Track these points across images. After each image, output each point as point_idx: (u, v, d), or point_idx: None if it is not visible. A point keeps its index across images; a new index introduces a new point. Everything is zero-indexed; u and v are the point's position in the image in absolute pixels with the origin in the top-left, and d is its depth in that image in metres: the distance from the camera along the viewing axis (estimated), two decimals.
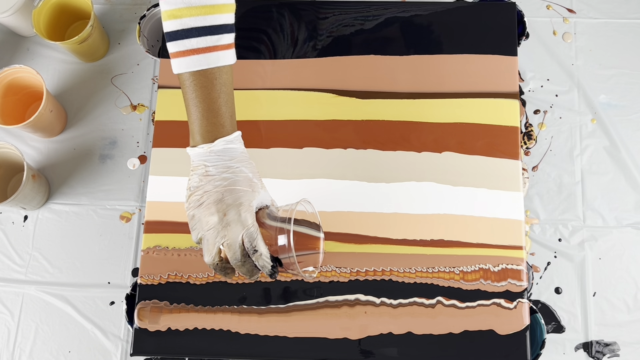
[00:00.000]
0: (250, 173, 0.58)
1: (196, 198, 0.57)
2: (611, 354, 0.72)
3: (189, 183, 0.58)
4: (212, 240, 0.56)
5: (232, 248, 0.55)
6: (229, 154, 0.57)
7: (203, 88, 0.57)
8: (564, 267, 0.75)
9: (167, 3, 0.56)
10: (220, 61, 0.57)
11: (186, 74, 0.57)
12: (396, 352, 0.68)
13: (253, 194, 0.57)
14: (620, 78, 0.81)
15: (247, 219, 0.55)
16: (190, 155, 0.58)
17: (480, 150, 0.74)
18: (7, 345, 0.75)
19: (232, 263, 0.56)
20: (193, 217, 0.57)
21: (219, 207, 0.55)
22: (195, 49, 0.55)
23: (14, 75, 0.77)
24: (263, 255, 0.56)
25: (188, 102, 0.58)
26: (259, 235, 0.56)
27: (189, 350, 0.69)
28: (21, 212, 0.79)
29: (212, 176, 0.56)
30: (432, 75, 0.77)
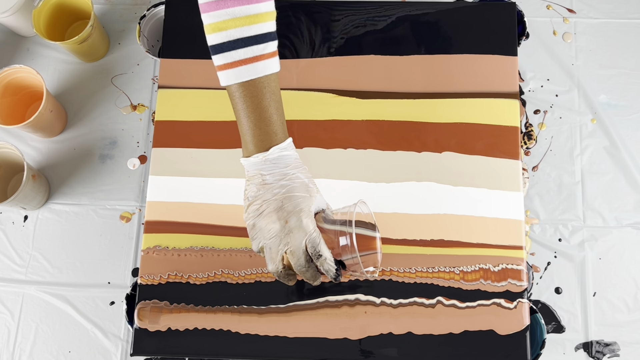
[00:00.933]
0: (305, 179, 0.58)
1: (255, 207, 0.57)
2: (611, 354, 0.72)
3: (246, 193, 0.58)
4: (275, 248, 0.56)
5: (296, 254, 0.56)
6: (284, 161, 0.57)
7: (253, 98, 0.57)
8: (564, 267, 0.75)
9: (211, 16, 0.55)
10: (267, 69, 0.56)
11: (235, 85, 0.57)
12: (396, 352, 0.68)
13: (311, 199, 0.57)
14: (620, 78, 0.81)
15: (309, 225, 0.56)
16: (244, 166, 0.59)
17: (480, 150, 0.74)
18: (7, 345, 0.75)
19: (296, 269, 0.57)
20: (254, 227, 0.57)
21: (280, 214, 0.56)
22: (243, 60, 0.55)
23: (14, 75, 0.77)
24: (327, 260, 0.56)
25: (239, 113, 0.58)
26: (321, 240, 0.56)
27: (189, 350, 0.69)
28: (21, 212, 0.79)
29: (270, 184, 0.57)
30: (432, 76, 0.77)
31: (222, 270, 0.71)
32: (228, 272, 0.71)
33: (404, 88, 0.76)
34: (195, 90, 0.78)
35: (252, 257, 0.72)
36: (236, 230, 0.73)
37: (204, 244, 0.72)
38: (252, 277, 0.71)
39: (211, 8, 0.55)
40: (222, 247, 0.72)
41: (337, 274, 0.57)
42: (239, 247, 0.72)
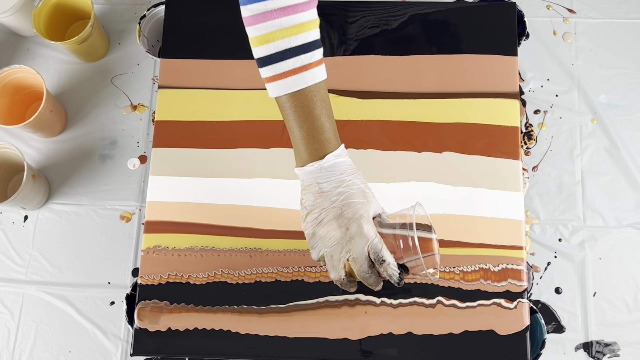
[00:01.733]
0: (361, 184, 0.58)
1: (314, 216, 0.57)
2: (611, 354, 0.72)
3: (303, 202, 0.58)
4: (337, 255, 0.56)
5: (359, 261, 0.56)
6: (340, 168, 0.57)
7: (305, 107, 0.56)
8: (564, 267, 0.75)
9: (257, 29, 0.55)
10: (316, 78, 0.56)
11: (285, 96, 0.56)
12: (396, 352, 0.68)
13: (368, 204, 0.57)
14: (620, 78, 0.81)
15: (370, 231, 0.56)
16: (299, 175, 0.59)
17: (480, 150, 0.74)
18: (7, 345, 0.75)
19: (359, 276, 0.57)
20: (313, 236, 0.58)
21: (340, 222, 0.56)
22: (292, 70, 0.55)
23: (14, 75, 0.77)
24: (391, 264, 0.56)
25: (291, 124, 0.58)
26: (383, 245, 0.56)
27: (189, 350, 0.69)
28: (21, 212, 0.79)
29: (327, 192, 0.57)
30: (432, 75, 0.77)
31: (222, 270, 0.71)
32: (228, 272, 0.71)
33: (404, 88, 0.76)
34: (195, 90, 0.78)
35: (252, 257, 0.72)
36: (236, 230, 0.73)
37: (204, 244, 0.72)
38: (252, 277, 0.71)
39: (257, 20, 0.54)
40: (222, 247, 0.72)
41: (400, 277, 0.57)
42: (239, 247, 0.72)
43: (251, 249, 0.72)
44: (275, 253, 0.72)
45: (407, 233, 0.57)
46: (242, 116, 0.77)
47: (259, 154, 0.75)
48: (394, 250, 0.57)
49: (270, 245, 0.72)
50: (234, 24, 0.79)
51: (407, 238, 0.57)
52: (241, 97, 0.77)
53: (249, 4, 0.54)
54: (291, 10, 0.54)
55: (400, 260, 0.57)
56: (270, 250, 0.72)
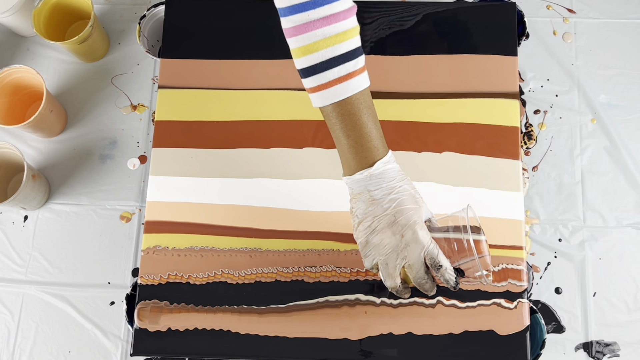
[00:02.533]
0: (411, 190, 0.58)
1: (367, 224, 0.57)
2: (611, 354, 0.72)
3: (354, 211, 0.58)
4: (393, 263, 0.56)
5: (415, 268, 0.56)
6: (389, 175, 0.57)
7: (352, 115, 0.56)
8: (564, 267, 0.75)
9: (300, 40, 0.54)
10: (361, 85, 0.56)
11: (331, 106, 0.56)
12: (396, 353, 0.68)
13: (420, 210, 0.57)
14: (620, 78, 0.81)
15: (425, 237, 0.56)
16: (347, 184, 0.59)
17: (480, 150, 0.74)
18: (7, 345, 0.75)
19: (416, 282, 0.57)
20: (367, 244, 0.57)
21: (395, 229, 0.56)
22: (337, 79, 0.55)
23: (14, 75, 0.77)
24: (448, 269, 0.56)
25: (337, 132, 0.57)
26: (439, 250, 0.56)
27: (189, 350, 0.69)
28: (21, 212, 0.79)
29: (379, 200, 0.56)
30: (432, 75, 0.77)
31: (222, 270, 0.71)
32: (228, 272, 0.71)
33: (404, 88, 0.76)
34: (195, 90, 0.78)
35: (252, 257, 0.72)
36: (236, 230, 0.73)
37: (204, 244, 0.72)
38: (252, 277, 0.71)
39: (299, 31, 0.54)
40: (222, 247, 0.72)
41: (456, 281, 0.57)
42: (239, 247, 0.72)
43: (251, 249, 0.72)
44: (275, 253, 0.72)
45: (462, 236, 0.57)
46: (242, 116, 0.77)
47: (259, 154, 0.75)
48: (449, 254, 0.57)
49: (270, 245, 0.72)
50: (234, 24, 0.80)
51: (461, 241, 0.57)
52: (241, 97, 0.77)
53: (290, 15, 0.54)
54: (334, 18, 0.53)
55: (455, 263, 0.57)
56: (270, 250, 0.72)
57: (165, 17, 0.80)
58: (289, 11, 0.54)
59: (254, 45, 0.79)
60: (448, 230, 0.58)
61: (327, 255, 0.71)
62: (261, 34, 0.79)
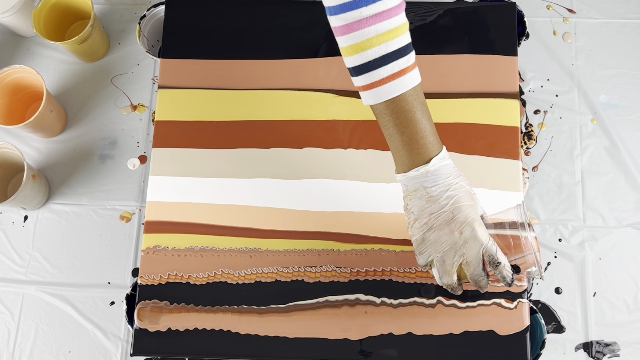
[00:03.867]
0: (467, 186, 0.58)
1: (424, 221, 0.57)
2: (611, 354, 0.72)
3: (409, 208, 0.58)
4: (450, 260, 0.57)
5: (472, 265, 0.56)
6: (445, 171, 0.57)
7: (406, 112, 0.56)
8: (564, 267, 0.75)
9: (352, 38, 0.54)
10: (414, 81, 0.56)
11: (384, 103, 0.56)
12: (396, 353, 0.68)
13: (476, 207, 0.57)
14: (620, 78, 0.81)
15: (484, 234, 0.56)
16: (401, 181, 0.58)
17: (480, 150, 0.74)
18: (7, 345, 0.75)
19: (472, 278, 0.57)
20: (423, 241, 0.57)
21: (453, 226, 0.56)
22: (391, 75, 0.54)
23: (14, 75, 0.77)
24: (506, 266, 0.56)
25: (392, 130, 0.57)
26: (497, 247, 0.56)
27: (189, 350, 0.69)
28: (21, 212, 0.79)
29: (435, 197, 0.56)
30: (432, 76, 0.76)
31: (222, 270, 0.72)
32: (228, 272, 0.71)
33: None
34: (195, 90, 0.78)
35: (252, 257, 0.72)
36: (236, 230, 0.73)
37: (204, 244, 0.72)
38: (252, 277, 0.71)
39: (351, 29, 0.53)
40: (222, 247, 0.72)
41: (512, 278, 0.57)
42: (239, 247, 0.72)
43: (251, 249, 0.72)
44: (275, 253, 0.72)
45: (520, 233, 0.58)
46: (242, 116, 0.77)
47: (259, 154, 0.75)
48: (504, 251, 0.58)
49: (270, 245, 0.72)
50: (234, 24, 0.80)
51: (519, 238, 0.58)
52: (241, 97, 0.77)
53: (341, 13, 0.53)
54: (386, 15, 0.53)
55: (510, 257, 0.58)
56: (270, 250, 0.72)
57: (165, 17, 0.80)
58: (339, 9, 0.53)
59: (254, 45, 0.79)
60: (504, 226, 0.59)
61: (327, 255, 0.71)
62: (261, 34, 0.79)
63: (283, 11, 0.80)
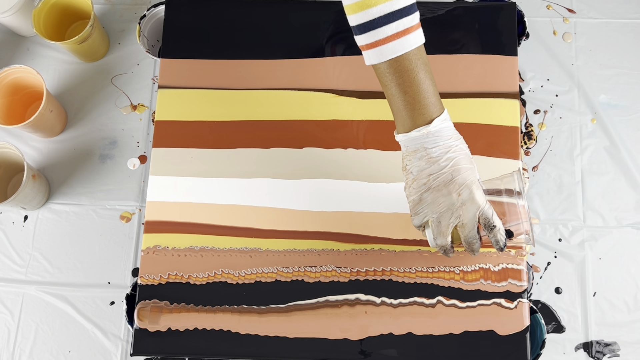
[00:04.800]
0: (467, 149, 0.58)
1: (422, 182, 0.57)
2: (611, 354, 0.72)
3: (408, 168, 0.58)
4: (446, 221, 0.57)
5: (468, 227, 0.56)
6: (446, 133, 0.57)
7: (409, 72, 0.55)
8: (564, 267, 0.75)
9: None
10: (418, 41, 0.55)
11: (387, 62, 0.55)
12: (396, 353, 0.68)
13: (475, 170, 0.57)
14: (620, 78, 0.81)
15: (481, 197, 0.56)
16: (402, 142, 0.58)
17: (480, 150, 0.74)
18: (7, 345, 0.75)
19: (466, 241, 0.57)
20: (420, 201, 0.57)
21: (451, 188, 0.56)
22: (395, 34, 0.54)
23: (14, 75, 0.77)
24: (500, 230, 0.57)
25: (394, 89, 0.56)
26: (493, 211, 0.57)
27: (189, 350, 0.69)
28: (21, 212, 0.79)
29: (435, 158, 0.56)
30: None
31: (222, 270, 0.72)
32: (228, 272, 0.71)
33: None
34: (195, 90, 0.78)
35: (252, 257, 0.72)
36: (236, 230, 0.73)
37: (204, 244, 0.72)
38: (252, 277, 0.71)
39: None
40: (222, 247, 0.72)
41: (505, 242, 0.58)
42: (239, 247, 0.72)
43: (251, 249, 0.72)
44: (275, 253, 0.72)
45: (516, 200, 0.58)
46: (242, 116, 0.77)
47: (259, 154, 0.75)
48: (500, 216, 0.58)
49: (270, 245, 0.72)
50: (234, 24, 0.80)
51: (515, 206, 0.58)
52: (241, 97, 0.77)
53: None
54: None
55: (504, 225, 0.59)
56: (270, 250, 0.72)
57: (165, 17, 0.80)
58: None
59: (254, 45, 0.79)
60: (501, 193, 0.59)
61: (327, 255, 0.71)
62: (261, 34, 0.79)
63: (283, 11, 0.80)
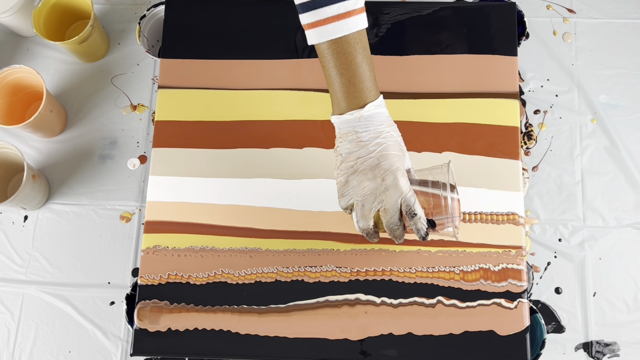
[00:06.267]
0: (398, 137, 0.58)
1: (349, 164, 0.57)
2: (611, 354, 0.72)
3: (339, 150, 0.59)
4: (369, 205, 0.57)
5: (390, 212, 0.57)
6: (379, 119, 0.57)
7: (347, 54, 0.56)
8: (564, 267, 0.75)
9: None
10: (359, 25, 0.56)
11: (327, 43, 0.56)
12: (396, 353, 0.68)
13: (403, 158, 0.58)
14: (620, 78, 0.81)
15: (405, 184, 0.57)
16: (335, 123, 0.59)
17: (480, 150, 0.74)
18: (7, 345, 0.75)
19: (388, 227, 0.58)
20: (346, 183, 0.58)
21: (376, 172, 0.56)
22: (336, 15, 0.55)
23: (14, 75, 0.77)
24: (421, 219, 0.57)
25: (331, 71, 0.57)
26: (416, 199, 0.57)
27: (189, 351, 0.69)
28: (21, 212, 0.79)
29: (365, 142, 0.57)
30: (432, 75, 0.77)
31: (222, 270, 0.72)
32: (228, 272, 0.71)
33: (404, 88, 0.76)
34: (195, 90, 0.78)
35: (252, 257, 0.72)
36: (236, 230, 0.73)
37: (204, 244, 0.72)
38: (252, 277, 0.71)
39: None
40: (222, 247, 0.72)
41: (426, 232, 0.58)
42: (239, 247, 0.72)
43: (251, 249, 0.72)
44: (275, 253, 0.72)
45: (440, 192, 0.59)
46: (242, 116, 0.77)
47: (259, 154, 0.75)
48: (423, 206, 0.59)
49: (270, 245, 0.72)
50: (234, 24, 0.80)
51: (439, 197, 0.59)
52: (241, 97, 0.77)
53: None
54: None
55: (428, 216, 0.59)
56: (270, 250, 0.72)
57: (165, 17, 0.80)
58: None
59: (254, 45, 0.79)
60: (427, 184, 0.59)
61: (327, 255, 0.71)
62: (261, 34, 0.79)
63: (283, 11, 0.80)
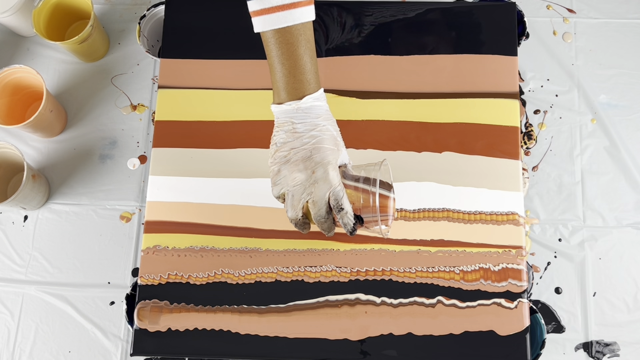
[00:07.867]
0: (334, 131, 0.59)
1: (283, 154, 0.58)
2: (611, 354, 0.73)
3: (274, 139, 0.59)
4: (298, 196, 0.58)
5: (318, 205, 0.57)
6: (316, 112, 0.58)
7: (289, 45, 0.57)
8: (564, 267, 0.75)
9: None
10: (304, 17, 0.56)
11: (271, 32, 0.57)
12: (396, 353, 0.68)
13: (337, 152, 0.58)
14: (620, 78, 0.81)
15: (335, 178, 0.57)
16: (274, 112, 0.59)
17: (480, 150, 0.74)
18: (7, 345, 0.75)
19: (315, 219, 0.58)
20: (279, 172, 0.58)
21: (307, 164, 0.57)
22: (282, 5, 0.55)
23: (14, 75, 0.77)
24: (348, 214, 0.58)
25: (273, 60, 0.58)
26: (345, 194, 0.58)
27: (189, 351, 0.69)
28: (21, 212, 0.79)
29: (300, 133, 0.57)
30: (432, 75, 0.77)
31: (222, 270, 0.72)
32: (228, 272, 0.71)
33: (404, 88, 0.76)
34: (195, 90, 0.78)
35: (252, 257, 0.72)
36: (236, 230, 0.73)
37: (204, 244, 0.72)
38: (252, 277, 0.71)
39: None
40: (222, 247, 0.72)
41: (354, 228, 0.59)
42: (239, 247, 0.72)
43: (251, 249, 0.72)
44: (275, 253, 0.72)
45: (370, 188, 0.59)
46: (242, 116, 0.77)
47: (259, 154, 0.75)
48: (353, 201, 0.59)
49: (270, 245, 0.72)
50: (234, 23, 0.80)
51: (368, 193, 0.59)
52: (241, 97, 0.77)
53: None
54: None
55: (357, 212, 0.59)
56: (270, 250, 0.72)
57: (165, 17, 0.80)
58: None
59: (254, 45, 0.78)
60: (359, 179, 0.60)
61: (327, 255, 0.71)
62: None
63: None
